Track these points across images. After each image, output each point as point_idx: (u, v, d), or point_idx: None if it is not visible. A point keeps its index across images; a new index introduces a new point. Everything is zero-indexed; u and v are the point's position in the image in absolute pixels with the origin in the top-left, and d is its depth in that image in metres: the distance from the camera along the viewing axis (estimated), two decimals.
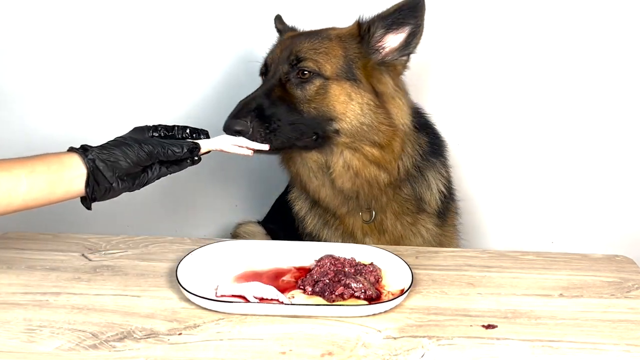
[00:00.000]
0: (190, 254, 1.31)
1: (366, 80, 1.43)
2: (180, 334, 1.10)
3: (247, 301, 1.18)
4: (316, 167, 1.50)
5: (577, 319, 1.17)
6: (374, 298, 1.20)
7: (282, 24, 1.68)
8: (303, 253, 1.35)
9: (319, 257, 1.31)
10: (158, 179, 1.26)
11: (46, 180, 1.12)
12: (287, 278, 1.28)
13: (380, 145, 1.44)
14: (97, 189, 1.16)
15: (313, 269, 1.27)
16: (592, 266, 1.37)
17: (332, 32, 1.48)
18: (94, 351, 1.05)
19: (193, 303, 1.18)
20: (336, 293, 1.19)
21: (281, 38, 1.60)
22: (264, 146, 1.34)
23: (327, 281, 1.22)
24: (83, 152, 1.15)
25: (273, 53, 1.50)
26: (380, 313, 1.16)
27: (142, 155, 1.18)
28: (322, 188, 1.53)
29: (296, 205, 1.68)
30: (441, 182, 1.61)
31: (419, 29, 1.42)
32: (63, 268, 1.33)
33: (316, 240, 1.61)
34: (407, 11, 1.41)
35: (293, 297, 1.20)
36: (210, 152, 1.31)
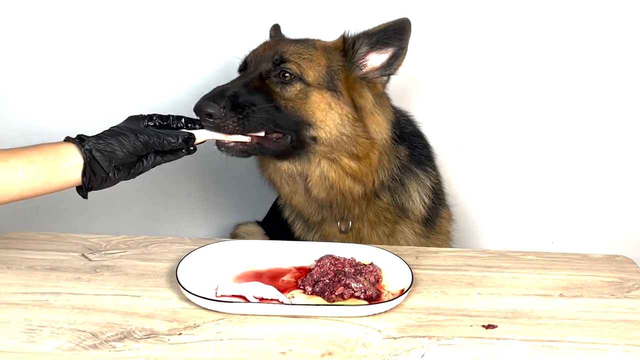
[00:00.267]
0: (190, 254, 1.31)
1: (347, 93, 1.43)
2: (180, 334, 1.10)
3: (247, 301, 1.18)
4: (287, 175, 1.50)
5: (577, 319, 1.17)
6: (374, 298, 1.20)
7: (277, 34, 1.67)
8: (303, 253, 1.35)
9: (319, 257, 1.31)
10: (153, 168, 1.26)
11: (43, 170, 1.12)
12: (287, 278, 1.28)
13: (357, 157, 1.44)
14: (94, 179, 1.17)
15: (313, 269, 1.27)
16: (592, 266, 1.37)
17: (318, 43, 1.49)
18: (94, 351, 1.05)
19: (193, 303, 1.18)
20: (336, 293, 1.19)
21: (267, 41, 1.59)
22: (245, 138, 1.35)
23: (327, 281, 1.22)
24: (79, 142, 1.16)
25: (255, 52, 1.50)
26: (380, 313, 1.16)
27: (138, 145, 1.19)
28: (295, 195, 1.53)
29: (285, 211, 1.68)
30: (424, 192, 1.59)
31: (402, 52, 1.41)
32: (63, 268, 1.33)
33: None
34: (393, 32, 1.41)
35: (293, 297, 1.20)
36: (205, 142, 1.32)
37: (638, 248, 1.96)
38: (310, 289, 1.22)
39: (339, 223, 1.55)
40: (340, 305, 1.17)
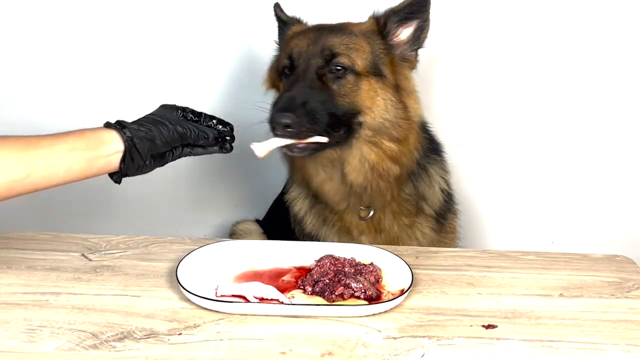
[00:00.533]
0: (190, 254, 1.31)
1: (391, 75, 1.45)
2: (180, 334, 1.10)
3: (247, 301, 1.18)
4: (327, 161, 1.50)
5: (577, 319, 1.17)
6: (374, 298, 1.20)
7: (284, 13, 1.65)
8: (303, 253, 1.35)
9: (319, 257, 1.31)
10: (179, 159, 1.28)
11: (85, 157, 1.14)
12: (287, 278, 1.28)
13: (397, 139, 1.46)
14: (131, 166, 1.19)
15: (313, 269, 1.27)
16: (592, 266, 1.37)
17: (355, 28, 1.49)
18: (94, 351, 1.05)
19: (193, 303, 1.18)
20: (336, 293, 1.19)
21: (294, 29, 1.58)
22: (322, 138, 1.37)
23: (327, 281, 1.22)
24: (121, 129, 1.17)
25: (298, 47, 1.46)
26: (380, 313, 1.16)
27: (176, 136, 1.20)
28: (328, 182, 1.53)
29: (295, 205, 1.67)
30: (443, 180, 1.62)
31: (427, 23, 1.46)
32: (63, 268, 1.33)
33: (314, 240, 1.61)
34: (417, 5, 1.45)
35: (293, 297, 1.20)
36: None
37: (638, 248, 1.96)
38: (310, 289, 1.22)
39: (359, 210, 1.55)
40: (340, 305, 1.17)
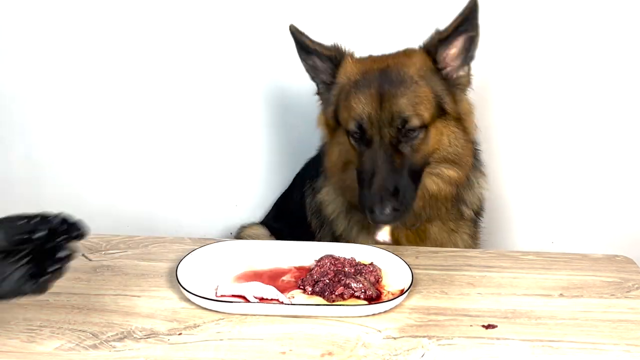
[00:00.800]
0: (190, 254, 1.31)
1: (452, 106, 1.44)
2: (180, 334, 1.10)
3: (247, 301, 1.18)
4: None
5: (577, 319, 1.17)
6: (374, 298, 1.20)
7: (308, 38, 1.48)
8: (303, 253, 1.35)
9: (319, 257, 1.31)
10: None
11: None
12: (287, 278, 1.28)
13: (458, 164, 1.47)
14: None
15: (313, 269, 1.27)
16: (592, 266, 1.37)
17: (412, 70, 1.41)
18: (94, 351, 1.05)
19: (193, 303, 1.18)
20: (336, 293, 1.19)
21: (348, 71, 1.45)
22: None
23: (327, 281, 1.22)
24: None
25: (365, 113, 1.37)
26: (380, 313, 1.16)
27: None
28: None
29: (328, 207, 1.64)
30: (482, 182, 1.62)
31: (477, 34, 1.41)
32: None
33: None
34: (466, 20, 1.39)
35: (293, 297, 1.20)
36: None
37: (638, 248, 1.96)
38: (310, 289, 1.22)
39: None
40: (340, 305, 1.17)
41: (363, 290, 1.20)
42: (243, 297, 1.19)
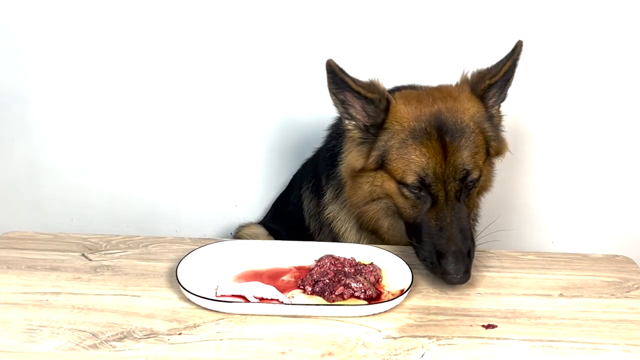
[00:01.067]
0: (190, 254, 1.31)
1: (494, 149, 1.44)
2: (180, 334, 1.10)
3: (247, 301, 1.18)
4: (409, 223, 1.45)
5: (577, 319, 1.17)
6: (374, 298, 1.20)
7: (351, 79, 1.36)
8: (303, 253, 1.35)
9: (319, 257, 1.31)
10: None
11: None
12: (287, 278, 1.28)
13: (485, 188, 1.50)
14: None
15: (313, 269, 1.27)
16: (592, 266, 1.37)
17: (467, 118, 1.37)
18: (94, 351, 1.06)
19: (193, 303, 1.18)
20: (336, 293, 1.19)
21: (403, 113, 1.38)
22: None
23: (327, 281, 1.22)
24: None
25: (430, 167, 1.32)
26: (380, 313, 1.16)
27: None
28: (398, 228, 1.49)
29: (337, 222, 1.62)
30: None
31: (512, 77, 1.42)
32: (63, 268, 1.33)
33: None
34: (513, 66, 1.40)
35: (293, 297, 1.20)
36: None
37: (638, 248, 1.96)
38: (310, 289, 1.22)
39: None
40: (340, 305, 1.17)
41: (363, 290, 1.20)
42: (243, 297, 1.19)
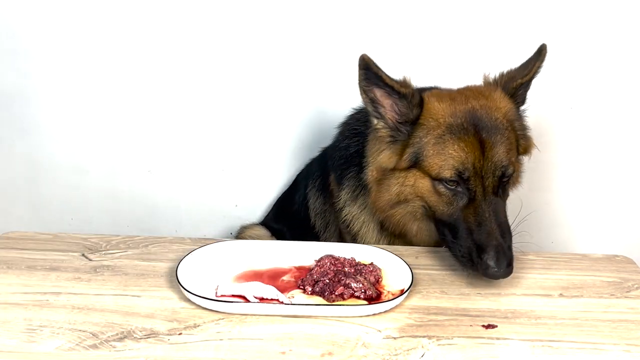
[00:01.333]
0: (190, 254, 1.31)
1: (523, 147, 1.46)
2: (180, 334, 1.10)
3: (247, 301, 1.18)
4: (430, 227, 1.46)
5: (577, 319, 1.17)
6: (374, 298, 1.20)
7: (388, 76, 1.36)
8: (303, 253, 1.35)
9: (319, 257, 1.31)
10: None
11: None
12: (287, 278, 1.28)
13: (513, 186, 1.49)
14: None
15: (313, 269, 1.27)
16: (592, 266, 1.38)
17: (500, 116, 1.38)
18: (94, 351, 1.06)
19: (193, 303, 1.18)
20: (336, 293, 1.19)
21: (438, 108, 1.38)
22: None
23: (327, 281, 1.22)
24: None
25: (468, 162, 1.32)
26: (380, 313, 1.16)
27: None
28: (426, 231, 1.49)
29: (355, 223, 1.60)
30: None
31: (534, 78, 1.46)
32: (63, 268, 1.33)
33: None
34: (539, 68, 1.44)
35: (293, 297, 1.20)
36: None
37: (638, 248, 1.96)
38: (310, 289, 1.22)
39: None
40: (340, 305, 1.17)
41: (363, 290, 1.20)
42: (243, 297, 1.19)
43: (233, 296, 1.20)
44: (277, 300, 1.18)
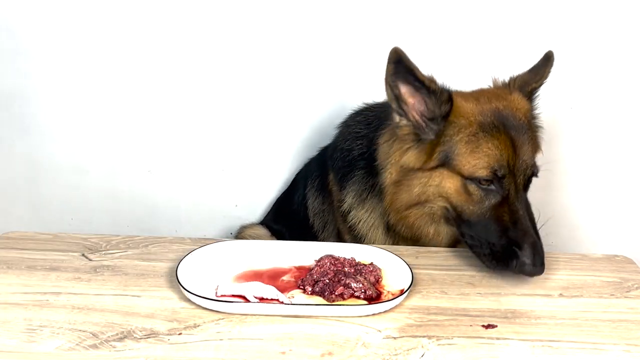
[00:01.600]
0: (190, 254, 1.31)
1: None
2: (180, 334, 1.10)
3: (247, 301, 1.18)
4: (451, 231, 1.47)
5: (577, 319, 1.17)
6: (374, 298, 1.20)
7: (420, 72, 1.34)
8: (303, 253, 1.35)
9: (319, 257, 1.31)
10: None
11: None
12: (287, 278, 1.28)
13: None
14: None
15: (313, 269, 1.27)
16: (592, 266, 1.38)
17: (523, 116, 1.40)
18: (94, 351, 1.06)
19: (193, 303, 1.18)
20: (336, 293, 1.19)
21: (468, 109, 1.37)
22: None
23: (327, 281, 1.22)
24: None
25: (506, 161, 1.33)
26: (380, 313, 1.16)
27: None
28: (442, 235, 1.49)
29: (363, 226, 1.58)
30: None
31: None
32: (63, 268, 1.33)
33: None
34: (549, 74, 1.48)
35: (293, 297, 1.20)
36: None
37: (638, 248, 1.96)
38: (310, 289, 1.22)
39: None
40: (340, 305, 1.17)
41: (363, 290, 1.20)
42: (243, 297, 1.19)
43: (233, 296, 1.20)
44: (277, 300, 1.18)
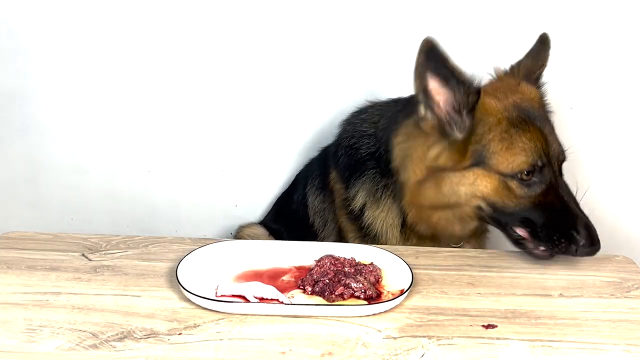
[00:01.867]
0: (190, 254, 1.31)
1: None
2: (180, 334, 1.10)
3: (247, 301, 1.18)
4: (473, 226, 1.51)
5: (577, 319, 1.17)
6: (374, 298, 1.20)
7: (452, 63, 1.31)
8: (303, 253, 1.35)
9: (319, 257, 1.31)
10: None
11: None
12: (287, 278, 1.28)
13: None
14: None
15: (313, 269, 1.27)
16: (592, 266, 1.38)
17: (540, 107, 1.44)
18: (94, 351, 1.06)
19: (193, 303, 1.18)
20: (336, 293, 1.19)
21: (497, 107, 1.37)
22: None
23: (327, 281, 1.22)
24: None
25: (544, 151, 1.36)
26: (380, 313, 1.16)
27: None
28: (461, 232, 1.52)
29: (381, 225, 1.55)
30: None
31: None
32: (63, 268, 1.33)
33: None
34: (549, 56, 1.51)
35: (293, 297, 1.20)
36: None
37: (638, 248, 1.96)
38: (310, 289, 1.22)
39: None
40: (340, 305, 1.17)
41: (363, 290, 1.20)
42: (243, 297, 1.19)
43: (233, 296, 1.20)
44: (277, 300, 1.18)
